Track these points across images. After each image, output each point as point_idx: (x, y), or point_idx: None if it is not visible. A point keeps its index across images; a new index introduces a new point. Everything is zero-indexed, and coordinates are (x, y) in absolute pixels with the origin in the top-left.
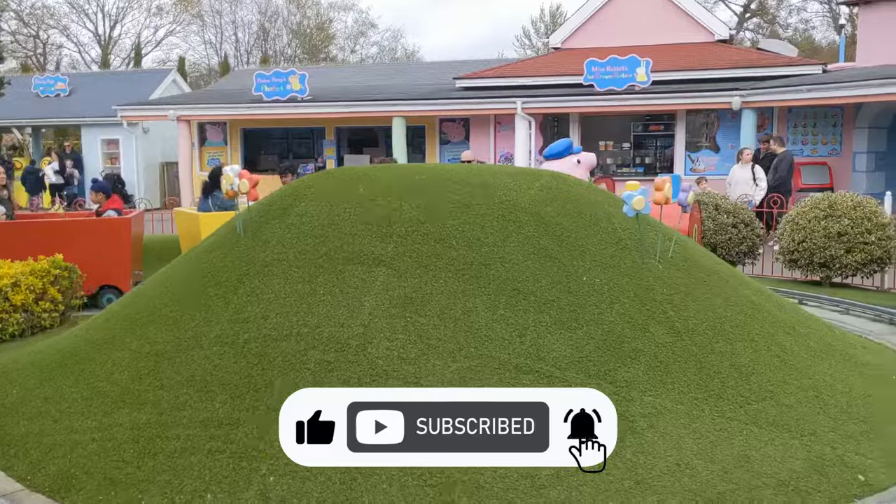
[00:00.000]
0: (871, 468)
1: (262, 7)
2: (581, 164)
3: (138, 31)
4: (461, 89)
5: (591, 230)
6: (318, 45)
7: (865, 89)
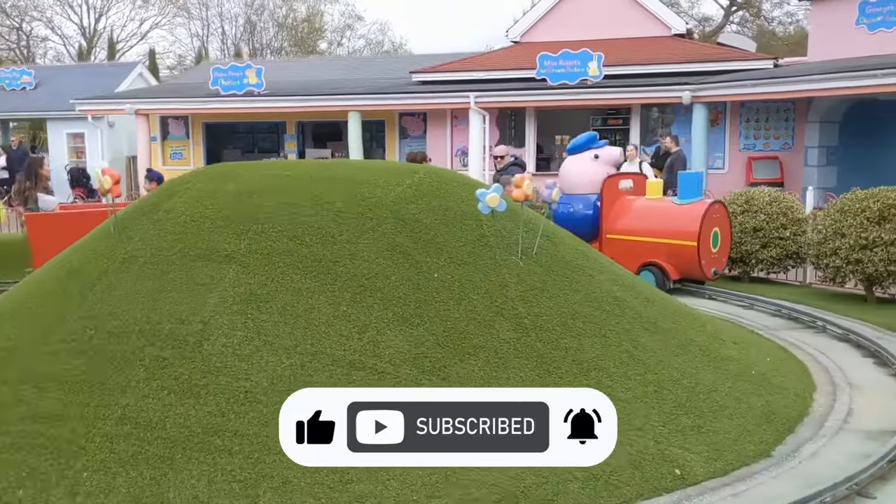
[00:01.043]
0: (690, 462)
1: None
2: (600, 160)
3: (110, 24)
4: (417, 83)
5: (454, 227)
6: (305, 38)
7: (814, 84)
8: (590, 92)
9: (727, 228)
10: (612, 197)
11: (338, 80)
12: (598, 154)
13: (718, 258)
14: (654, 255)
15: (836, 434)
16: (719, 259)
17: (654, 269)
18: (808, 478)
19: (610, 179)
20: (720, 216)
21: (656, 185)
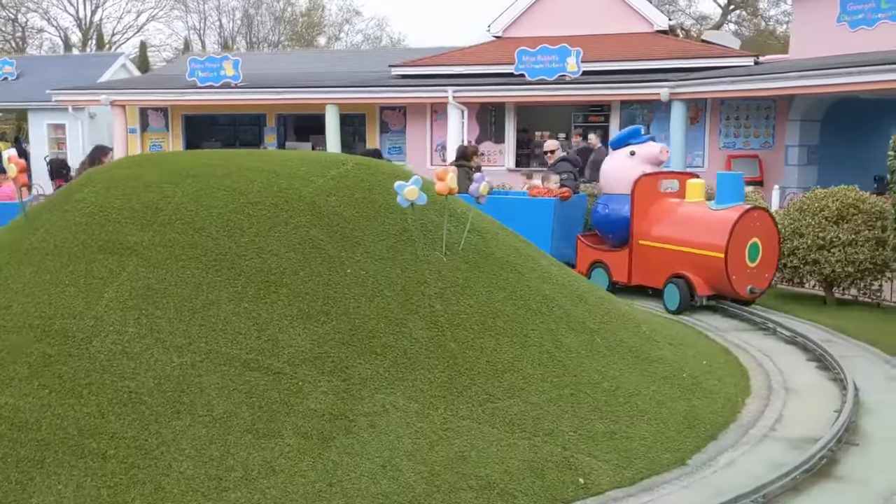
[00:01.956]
0: (597, 471)
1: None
2: (636, 157)
3: (106, 15)
4: (397, 77)
5: (375, 221)
6: (303, 32)
7: (794, 81)
8: (568, 88)
9: (772, 239)
10: (646, 199)
11: (317, 73)
12: (634, 150)
13: (757, 274)
14: (682, 266)
15: (760, 442)
16: (759, 275)
17: (681, 281)
18: (719, 488)
19: (644, 179)
20: (761, 225)
21: (697, 186)
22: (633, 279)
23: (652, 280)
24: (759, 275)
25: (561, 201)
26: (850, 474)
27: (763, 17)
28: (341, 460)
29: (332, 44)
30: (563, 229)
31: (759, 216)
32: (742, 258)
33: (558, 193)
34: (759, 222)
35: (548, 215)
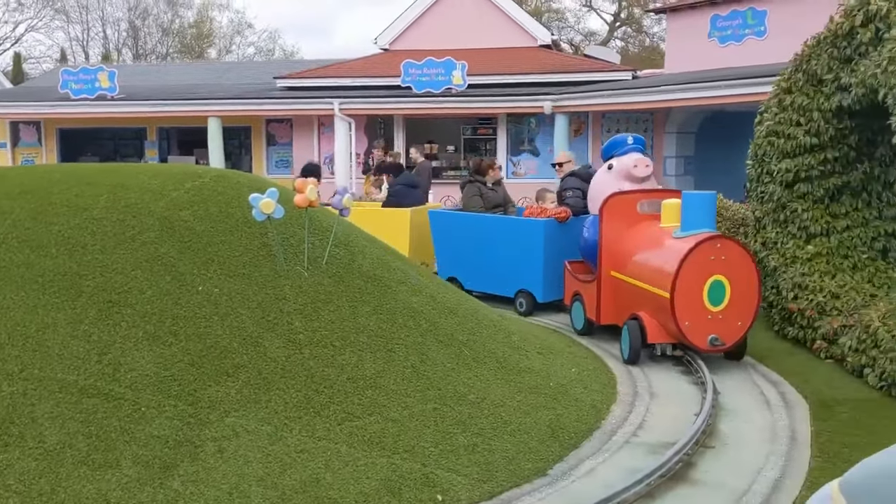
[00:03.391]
0: (456, 486)
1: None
2: (613, 171)
3: None
4: (283, 89)
5: (233, 236)
6: (192, 44)
7: (668, 94)
8: (454, 101)
9: (745, 278)
10: (618, 222)
11: (200, 84)
12: (612, 164)
13: (724, 321)
14: (640, 305)
15: (621, 448)
16: (726, 323)
17: (635, 324)
18: (576, 497)
19: (613, 199)
20: (728, 258)
21: (673, 207)
22: (602, 317)
23: (620, 319)
24: (728, 323)
25: (557, 223)
26: (704, 478)
27: (647, 33)
28: (184, 489)
29: (223, 56)
30: (559, 257)
31: (724, 247)
32: (698, 300)
33: (553, 214)
34: (724, 255)
35: (537, 239)
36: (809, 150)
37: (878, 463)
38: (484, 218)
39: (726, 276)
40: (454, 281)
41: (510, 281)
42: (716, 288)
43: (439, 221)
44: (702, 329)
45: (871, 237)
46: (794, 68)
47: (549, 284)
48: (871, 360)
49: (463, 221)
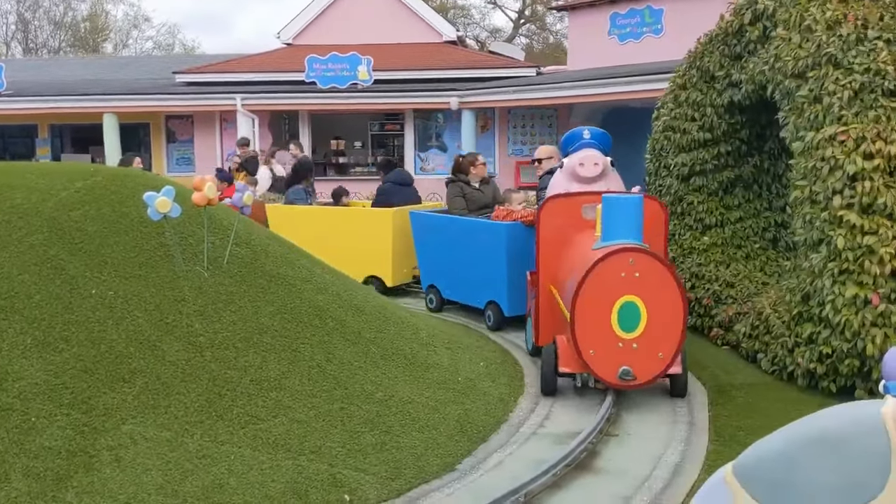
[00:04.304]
0: (364, 485)
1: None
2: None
3: None
4: (182, 84)
5: (127, 237)
6: (86, 38)
7: (571, 90)
8: (360, 96)
9: (667, 299)
10: (557, 229)
11: (95, 80)
12: (563, 162)
13: (640, 350)
14: (561, 326)
15: (528, 440)
16: (643, 353)
17: (551, 349)
18: (485, 491)
19: (551, 203)
20: (643, 276)
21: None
22: (541, 338)
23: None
24: (644, 354)
25: (524, 227)
26: (607, 465)
27: (551, 31)
28: (79, 501)
29: (119, 51)
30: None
31: (638, 263)
32: (605, 324)
33: (520, 217)
34: (638, 271)
35: (500, 246)
36: (703, 145)
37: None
38: (453, 220)
39: (641, 298)
40: (434, 289)
41: (480, 291)
42: (628, 311)
43: (418, 224)
44: (610, 359)
45: (762, 227)
46: (689, 65)
47: (516, 296)
48: (763, 345)
49: (436, 224)
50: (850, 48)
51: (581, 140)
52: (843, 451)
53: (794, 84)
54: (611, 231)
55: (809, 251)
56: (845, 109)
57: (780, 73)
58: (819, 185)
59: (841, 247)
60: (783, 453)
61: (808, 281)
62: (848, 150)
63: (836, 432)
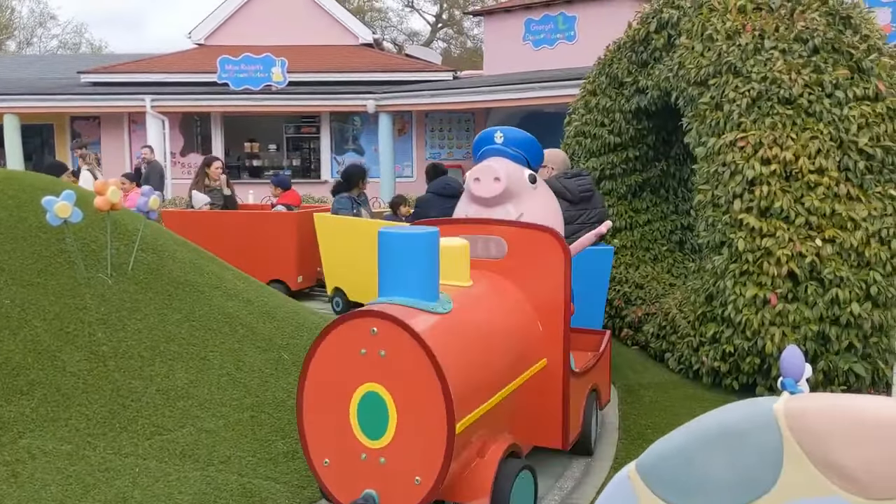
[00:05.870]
0: (275, 494)
1: None
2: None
3: None
4: (88, 84)
5: (24, 242)
6: None
7: (486, 95)
8: (275, 98)
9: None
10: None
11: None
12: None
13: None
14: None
15: None
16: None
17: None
18: None
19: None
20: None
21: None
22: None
23: None
24: (395, 472)
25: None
26: None
27: (468, 35)
28: None
29: (23, 49)
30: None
31: (383, 333)
32: (343, 423)
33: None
34: (384, 346)
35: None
36: (613, 150)
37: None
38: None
39: (387, 388)
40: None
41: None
42: (371, 406)
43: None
44: (350, 476)
45: (669, 230)
46: (598, 71)
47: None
48: (670, 345)
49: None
50: (748, 57)
51: (489, 145)
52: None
53: (697, 91)
54: (387, 282)
55: (712, 253)
56: (744, 116)
57: (684, 81)
58: (721, 190)
59: (741, 249)
60: (682, 450)
61: (711, 282)
62: (747, 155)
63: (731, 428)
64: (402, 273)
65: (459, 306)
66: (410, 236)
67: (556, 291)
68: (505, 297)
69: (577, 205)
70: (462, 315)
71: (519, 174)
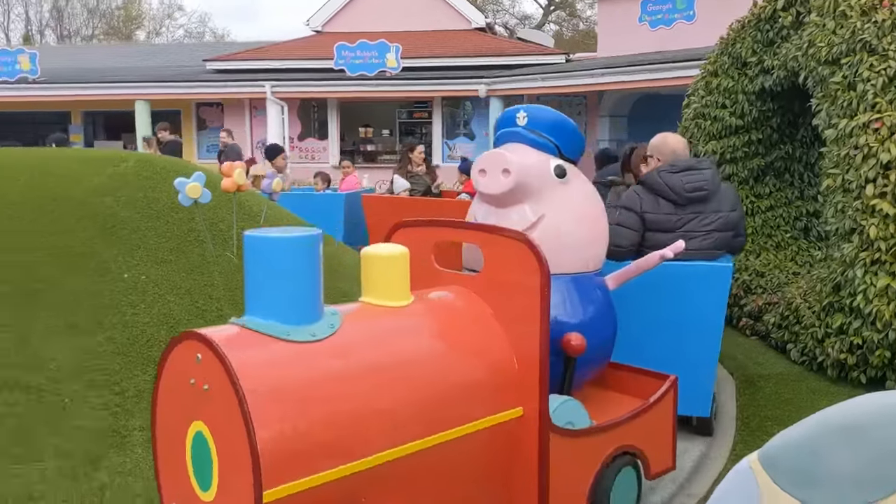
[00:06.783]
0: None
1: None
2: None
3: None
4: (212, 72)
5: (159, 221)
6: (119, 26)
7: (600, 78)
8: (388, 84)
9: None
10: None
11: (127, 67)
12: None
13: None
14: None
15: None
16: None
17: None
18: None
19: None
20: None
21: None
22: None
23: None
24: None
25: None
26: None
27: (581, 17)
28: (112, 480)
29: (152, 39)
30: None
31: (207, 362)
32: (181, 465)
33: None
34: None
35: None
36: (734, 132)
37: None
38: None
39: (210, 430)
40: None
41: None
42: (200, 449)
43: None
44: None
45: (794, 216)
46: (720, 51)
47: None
48: (793, 335)
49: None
50: (885, 34)
51: (509, 127)
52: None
53: (828, 70)
54: (248, 297)
55: (841, 241)
56: (879, 97)
57: (814, 60)
58: (852, 174)
59: (873, 236)
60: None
61: (839, 271)
62: (881, 137)
63: (860, 421)
64: (265, 286)
65: (349, 333)
66: (275, 240)
67: (530, 318)
68: (459, 322)
69: (684, 207)
70: (342, 345)
71: (541, 165)
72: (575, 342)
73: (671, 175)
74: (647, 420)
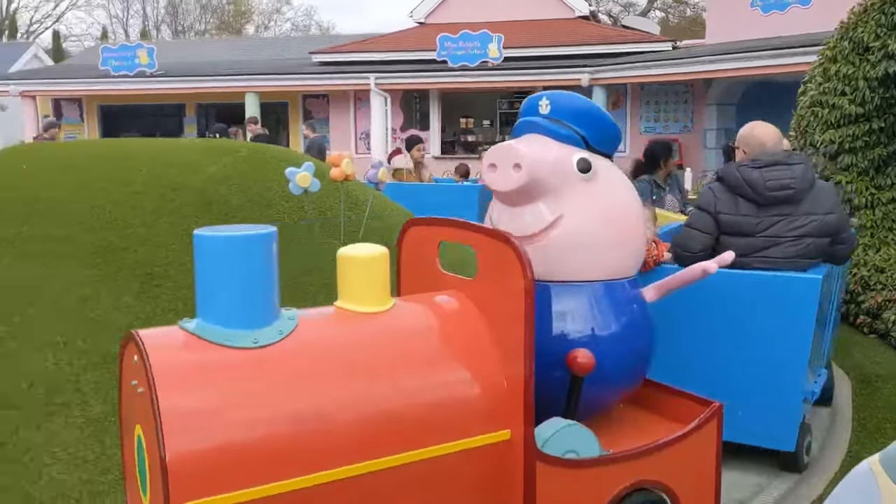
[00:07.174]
0: None
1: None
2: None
3: (23, 4)
4: (318, 64)
5: (269, 209)
6: (231, 20)
7: (709, 65)
8: (490, 74)
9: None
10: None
11: (236, 60)
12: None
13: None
14: None
15: None
16: None
17: None
18: None
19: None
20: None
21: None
22: None
23: None
24: None
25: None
26: (746, 450)
27: (688, 3)
28: None
29: (260, 32)
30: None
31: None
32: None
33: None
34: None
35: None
36: (854, 121)
37: None
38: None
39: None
40: None
41: None
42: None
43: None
44: None
45: None
46: (840, 36)
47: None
48: None
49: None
50: None
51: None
52: None
53: None
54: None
55: None
56: None
57: None
58: None
59: None
60: None
61: None
62: None
63: None
64: (210, 288)
65: (298, 341)
66: (222, 239)
67: (515, 329)
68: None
69: (767, 208)
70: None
71: (561, 160)
72: (581, 359)
73: (752, 170)
74: (678, 452)
